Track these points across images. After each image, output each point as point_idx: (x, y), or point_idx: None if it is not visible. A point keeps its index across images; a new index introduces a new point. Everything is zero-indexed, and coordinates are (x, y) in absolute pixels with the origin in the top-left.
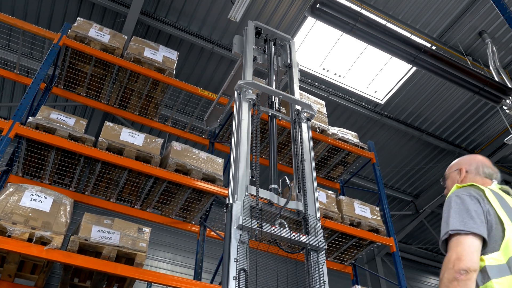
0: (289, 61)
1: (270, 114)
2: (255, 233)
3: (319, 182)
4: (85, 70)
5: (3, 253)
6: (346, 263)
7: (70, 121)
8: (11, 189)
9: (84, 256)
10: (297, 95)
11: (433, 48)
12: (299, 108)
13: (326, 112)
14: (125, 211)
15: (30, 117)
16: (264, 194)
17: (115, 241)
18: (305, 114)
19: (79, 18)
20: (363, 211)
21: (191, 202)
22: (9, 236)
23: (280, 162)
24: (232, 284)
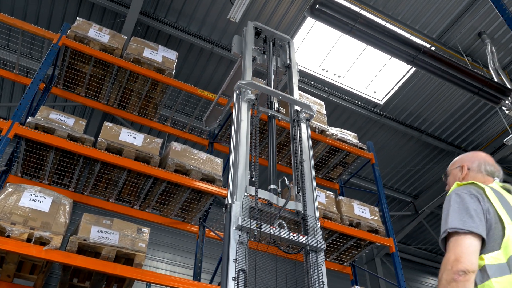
0: (289, 62)
1: (270, 115)
2: (254, 234)
3: (319, 183)
4: (85, 70)
5: (2, 254)
6: (346, 264)
7: (69, 121)
8: (10, 189)
9: (83, 257)
10: (296, 96)
11: (433, 49)
12: (298, 109)
13: (326, 113)
14: (124, 212)
15: (29, 117)
16: (263, 195)
17: (114, 242)
18: (304, 115)
19: (79, 18)
20: (363, 212)
21: (191, 203)
22: (8, 237)
23: (280, 163)
24: (231, 285)
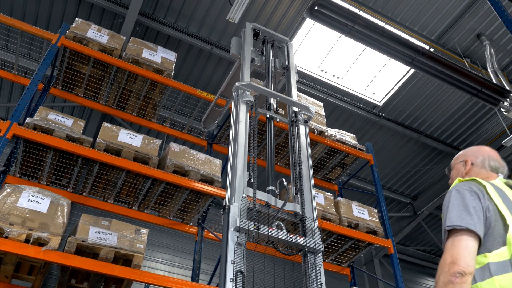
0: (287, 63)
1: (268, 116)
2: (252, 235)
3: (317, 184)
4: (83, 71)
5: (0, 254)
6: (344, 265)
7: (68, 122)
8: (9, 190)
9: (81, 257)
10: (295, 97)
11: (431, 50)
12: (297, 110)
13: (325, 114)
14: (123, 212)
15: (28, 118)
16: (262, 196)
17: (113, 242)
18: (303, 116)
19: (78, 19)
20: (361, 213)
21: (189, 203)
22: (6, 237)
23: (278, 164)
24: (229, 286)
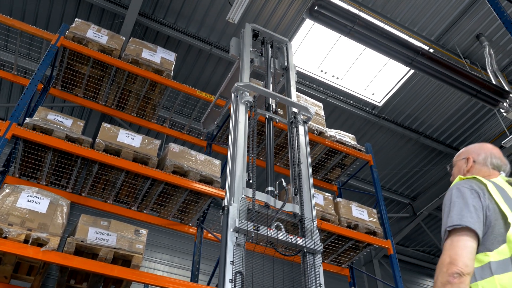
0: (286, 64)
1: (267, 117)
2: (252, 236)
3: (317, 184)
4: (83, 71)
5: None
6: (343, 265)
7: (68, 122)
8: (8, 190)
9: (81, 258)
10: (294, 98)
11: (431, 51)
12: (296, 111)
13: (324, 114)
14: (122, 213)
15: (27, 118)
16: (261, 197)
17: (112, 243)
18: (302, 117)
19: (77, 19)
20: (361, 214)
21: (188, 204)
22: (5, 238)
23: (278, 164)
24: (228, 287)
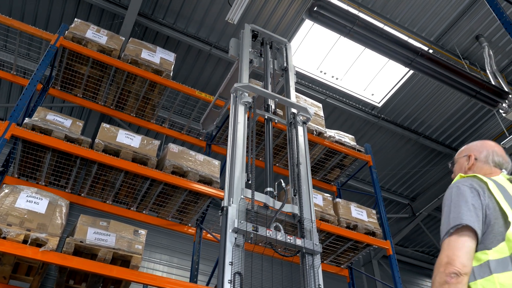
0: (285, 64)
1: (266, 117)
2: (251, 236)
3: (316, 185)
4: (82, 71)
5: None
6: (343, 266)
7: (67, 123)
8: (7, 191)
9: (80, 258)
10: (293, 98)
11: (430, 52)
12: (295, 111)
13: (323, 115)
14: (121, 213)
15: (27, 118)
16: (260, 197)
17: (111, 243)
18: (301, 117)
19: (77, 19)
20: (360, 214)
21: (188, 204)
22: (4, 238)
23: (277, 164)
24: None
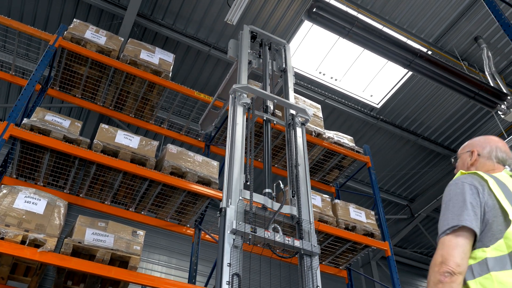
0: (284, 66)
1: (265, 118)
2: (249, 238)
3: (315, 186)
4: (81, 72)
5: None
6: (341, 267)
7: (65, 123)
8: (5, 191)
9: (78, 259)
10: (292, 100)
11: (429, 53)
12: (294, 113)
13: (322, 116)
14: (120, 214)
15: (25, 119)
16: (258, 199)
17: (109, 244)
18: (300, 119)
19: (76, 20)
20: (358, 215)
21: (186, 205)
22: (2, 239)
23: (276, 165)
24: None
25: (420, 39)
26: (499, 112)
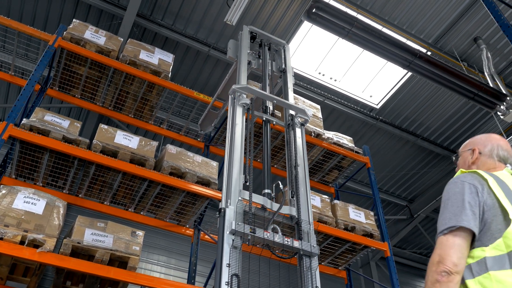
0: (284, 66)
1: (264, 119)
2: (248, 238)
3: (314, 186)
4: (80, 72)
5: None
6: (340, 268)
7: (65, 123)
8: (4, 191)
9: (77, 259)
10: (291, 100)
11: (429, 54)
12: (293, 113)
13: (322, 116)
14: (119, 214)
15: (24, 119)
16: (257, 199)
17: (108, 245)
18: (299, 119)
19: (75, 20)
20: (358, 216)
21: (186, 206)
22: (1, 239)
23: (275, 166)
24: None
25: (420, 40)
26: (499, 113)
